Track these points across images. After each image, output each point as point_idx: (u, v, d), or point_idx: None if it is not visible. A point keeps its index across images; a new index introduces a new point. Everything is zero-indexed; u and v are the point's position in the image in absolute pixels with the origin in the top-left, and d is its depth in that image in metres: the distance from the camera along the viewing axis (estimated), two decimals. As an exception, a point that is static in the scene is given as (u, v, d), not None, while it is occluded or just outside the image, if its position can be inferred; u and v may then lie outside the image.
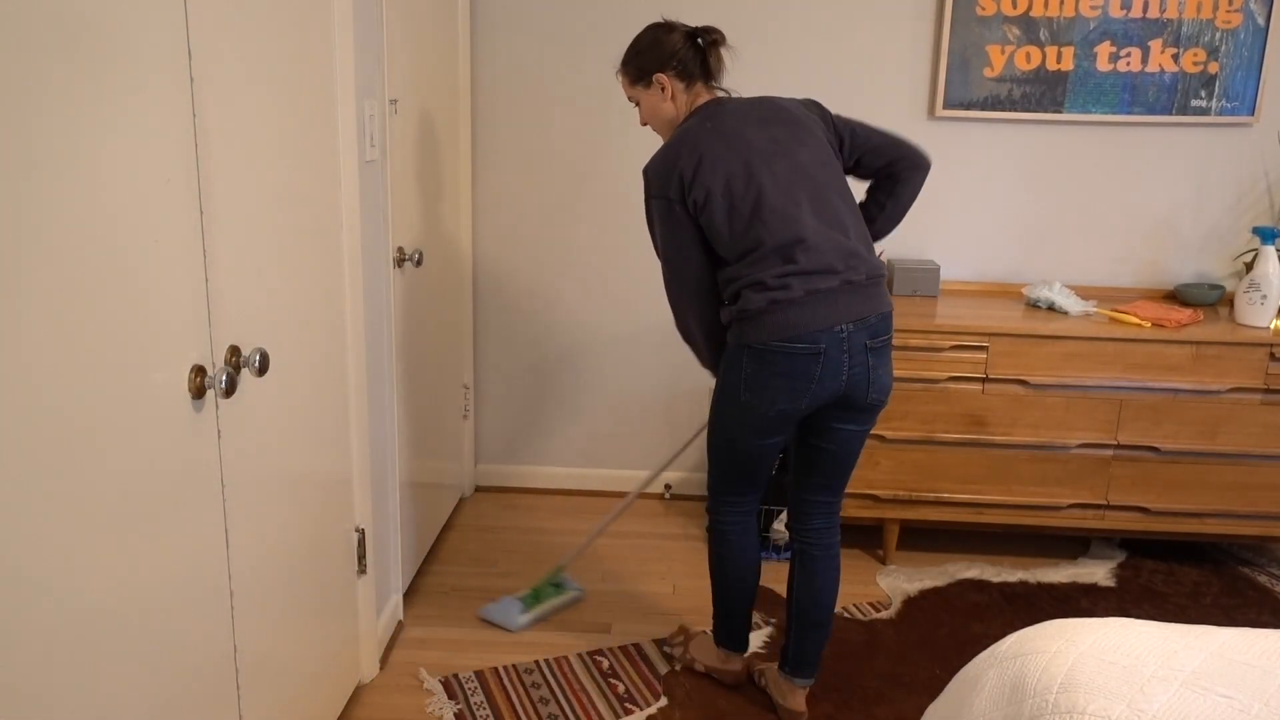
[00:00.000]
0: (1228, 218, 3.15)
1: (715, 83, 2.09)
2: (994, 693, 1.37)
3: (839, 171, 2.03)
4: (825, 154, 2.00)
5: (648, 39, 2.08)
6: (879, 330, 1.97)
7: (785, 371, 1.92)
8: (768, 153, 1.95)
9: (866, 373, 1.96)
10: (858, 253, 1.95)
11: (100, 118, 1.15)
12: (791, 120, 2.00)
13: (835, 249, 1.93)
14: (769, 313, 1.91)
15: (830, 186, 1.98)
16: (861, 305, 1.94)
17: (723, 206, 1.93)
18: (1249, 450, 2.76)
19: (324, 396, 1.94)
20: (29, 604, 1.06)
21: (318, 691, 1.97)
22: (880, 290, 1.99)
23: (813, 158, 1.98)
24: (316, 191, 1.86)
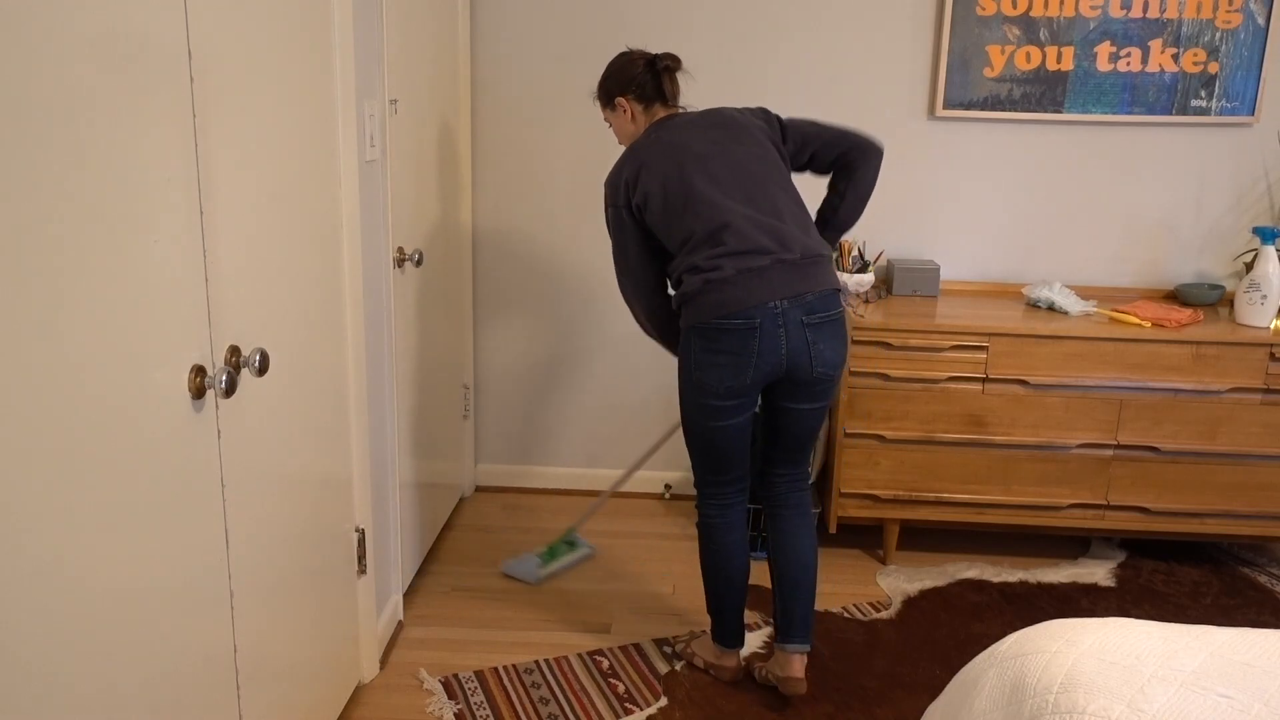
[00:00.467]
0: (1228, 218, 3.15)
1: (672, 103, 2.27)
2: (994, 693, 1.37)
3: (779, 167, 2.17)
4: (764, 151, 2.16)
5: (613, 67, 2.28)
6: (816, 307, 2.09)
7: (726, 347, 2.06)
8: (704, 154, 2.13)
9: (806, 347, 2.09)
10: (791, 234, 2.09)
11: (101, 118, 1.15)
12: (731, 124, 2.18)
13: (765, 231, 2.08)
14: (704, 293, 2.06)
15: (768, 179, 2.13)
16: (797, 282, 2.07)
17: (659, 205, 2.12)
18: (1249, 450, 2.76)
19: (324, 396, 1.94)
20: (29, 604, 1.06)
21: (318, 691, 1.97)
22: (819, 269, 2.11)
23: (749, 154, 2.14)
24: (316, 191, 1.86)
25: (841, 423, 2.81)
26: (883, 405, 2.78)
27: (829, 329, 2.11)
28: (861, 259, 3.02)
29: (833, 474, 2.87)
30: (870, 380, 2.77)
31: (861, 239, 3.21)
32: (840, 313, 2.14)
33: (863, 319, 2.75)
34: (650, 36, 3.08)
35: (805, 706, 2.24)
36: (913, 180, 3.16)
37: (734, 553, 2.27)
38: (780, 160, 2.19)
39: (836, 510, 2.88)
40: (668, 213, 2.11)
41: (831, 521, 2.91)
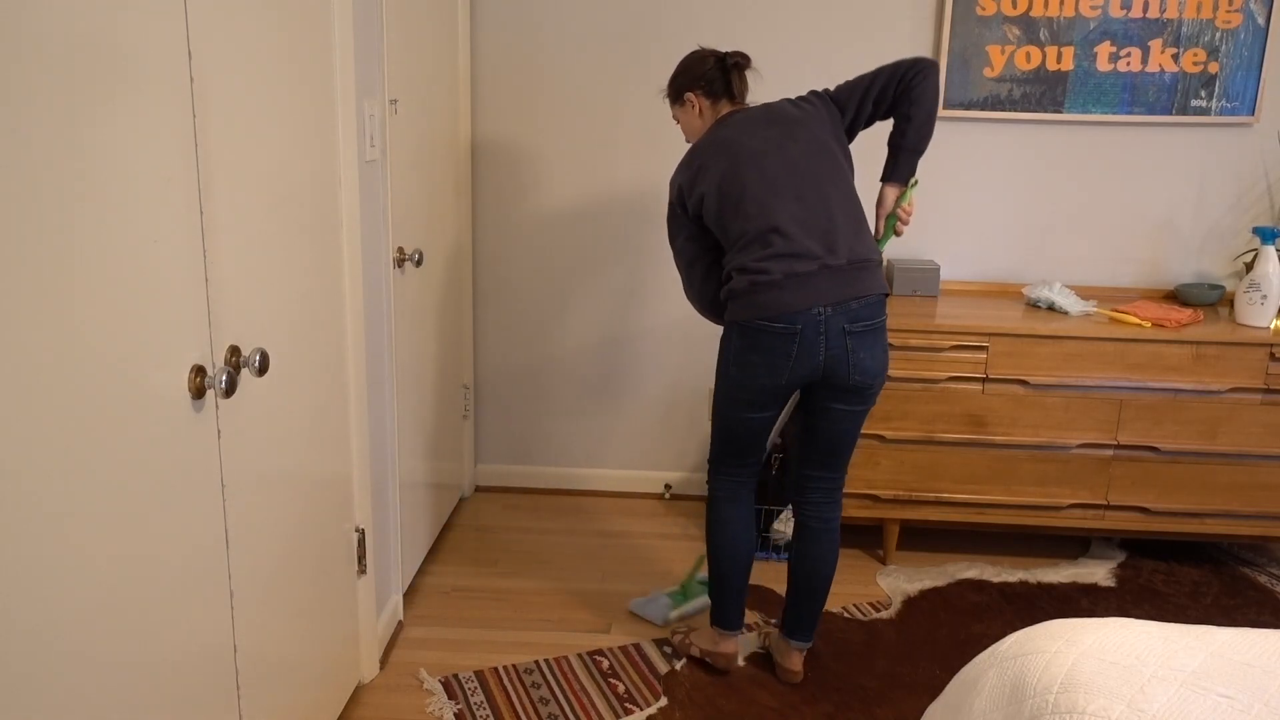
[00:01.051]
0: (1228, 218, 3.15)
1: (738, 99, 2.28)
2: (994, 693, 1.37)
3: (836, 162, 2.16)
4: (820, 146, 2.15)
5: (684, 64, 2.30)
6: (860, 315, 2.09)
7: (765, 348, 2.09)
8: (758, 152, 2.13)
9: (845, 355, 2.09)
10: (840, 238, 2.09)
11: (100, 118, 1.15)
12: (789, 119, 2.17)
13: (814, 234, 2.08)
14: (750, 293, 2.09)
15: (822, 176, 2.13)
16: (841, 289, 2.07)
17: (714, 204, 2.15)
18: (1249, 450, 2.76)
19: (324, 396, 1.94)
20: (29, 604, 1.06)
21: (318, 691, 1.97)
22: (866, 275, 2.11)
23: (804, 151, 2.13)
24: (316, 191, 1.86)
25: (841, 423, 2.81)
26: (883, 405, 2.78)
27: (871, 337, 2.11)
28: (861, 259, 3.02)
29: (833, 474, 2.87)
30: (870, 380, 2.77)
31: (861, 239, 3.21)
32: (882, 320, 2.13)
33: (863, 319, 2.75)
34: (650, 37, 3.08)
35: (805, 706, 2.24)
36: (913, 180, 3.16)
37: (740, 529, 2.31)
38: (838, 153, 2.17)
39: (836, 510, 2.88)
40: (722, 213, 2.14)
41: (831, 521, 2.91)
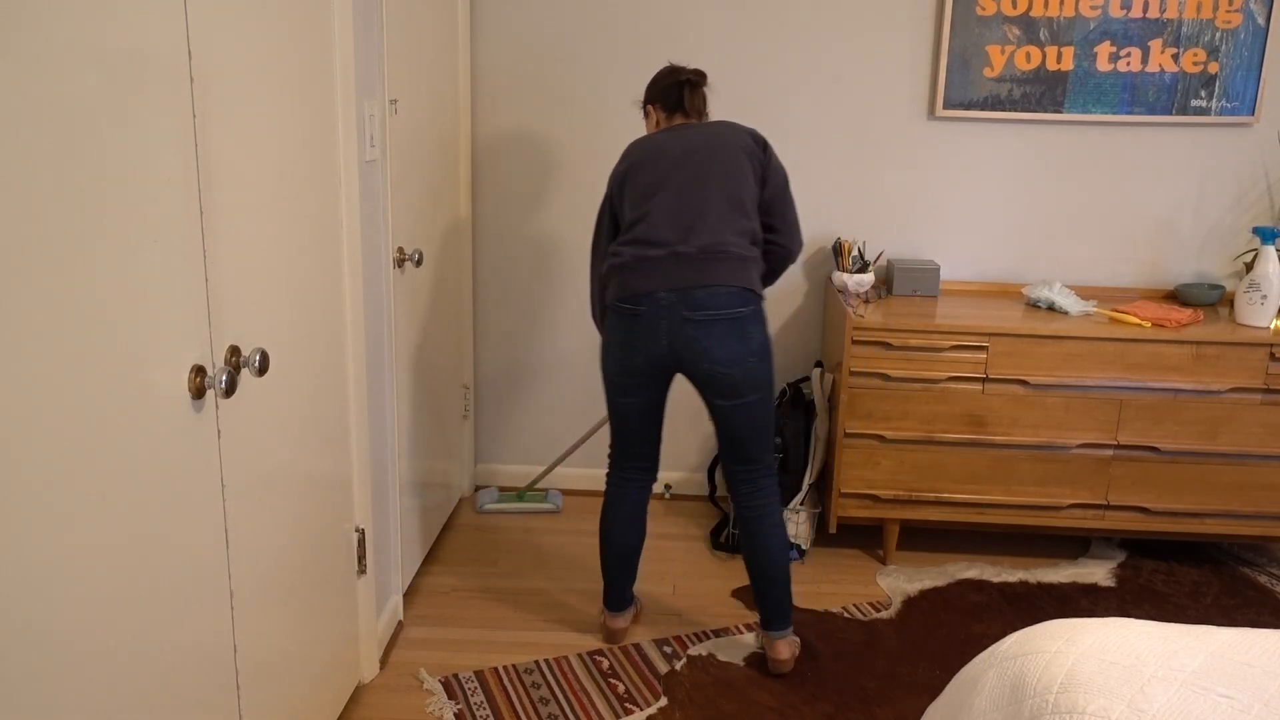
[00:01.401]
0: (1228, 218, 3.15)
1: (690, 114, 2.39)
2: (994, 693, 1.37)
3: (738, 177, 2.25)
4: (731, 161, 2.25)
5: (652, 79, 2.44)
6: (704, 303, 2.16)
7: (615, 329, 2.26)
8: (669, 152, 2.27)
9: (689, 343, 2.19)
10: (702, 230, 2.19)
11: (101, 118, 1.15)
12: (715, 135, 2.28)
13: (676, 224, 2.20)
14: (610, 276, 2.27)
15: (712, 177, 2.23)
16: (686, 276, 2.17)
17: (618, 193, 2.33)
18: (1249, 450, 2.76)
19: (324, 396, 1.94)
20: (29, 603, 1.06)
21: (318, 691, 1.97)
22: (717, 265, 2.18)
23: (712, 161, 2.24)
24: (316, 191, 1.86)
25: (841, 423, 2.81)
26: (883, 405, 2.78)
27: (719, 327, 2.17)
28: (861, 259, 3.02)
29: (833, 474, 2.87)
30: (870, 380, 2.77)
31: (861, 239, 3.21)
32: (738, 313, 2.18)
33: (863, 319, 2.75)
34: (650, 37, 3.08)
35: (805, 706, 2.24)
36: (913, 180, 3.16)
37: (616, 524, 2.43)
38: (748, 176, 2.26)
39: (836, 510, 2.88)
40: (621, 202, 2.31)
41: (831, 521, 2.91)
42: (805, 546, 2.96)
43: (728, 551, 3.00)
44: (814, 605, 2.69)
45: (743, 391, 2.23)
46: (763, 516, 2.33)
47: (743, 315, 2.19)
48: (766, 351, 2.25)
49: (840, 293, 3.00)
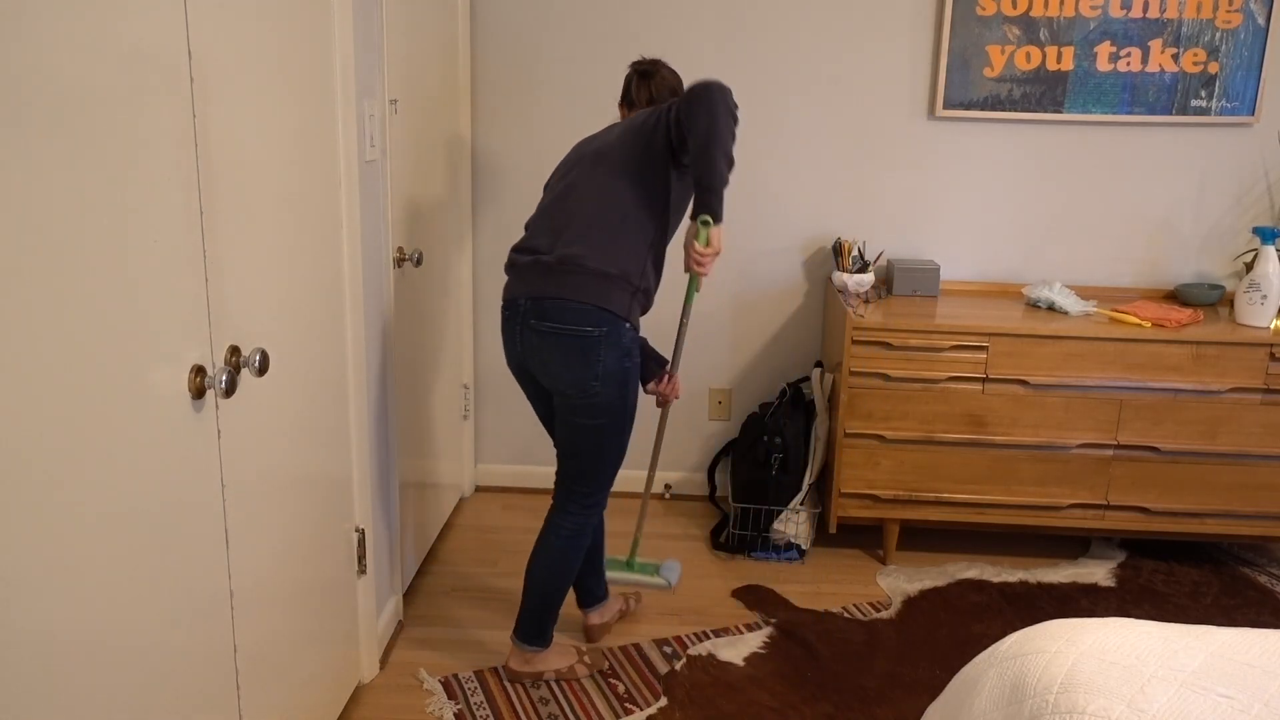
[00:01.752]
0: (1228, 218, 3.15)
1: (637, 105, 2.32)
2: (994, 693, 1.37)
3: (614, 171, 2.11)
4: (626, 166, 2.10)
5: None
6: (548, 314, 2.07)
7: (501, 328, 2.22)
8: (577, 157, 2.22)
9: (531, 351, 2.13)
10: (567, 237, 2.09)
11: (100, 118, 1.14)
12: (629, 126, 2.16)
13: (549, 229, 2.14)
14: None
15: (591, 181, 2.13)
16: (537, 284, 2.10)
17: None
18: (1249, 450, 2.76)
19: (324, 396, 1.94)
20: (29, 604, 1.06)
21: (318, 691, 1.97)
22: (570, 279, 2.07)
23: (607, 162, 2.13)
24: (316, 191, 1.86)
25: (841, 423, 2.81)
26: (883, 405, 2.78)
27: (555, 342, 2.07)
28: (861, 259, 3.02)
29: (833, 474, 2.87)
30: (870, 380, 2.77)
31: (861, 239, 3.21)
32: (586, 332, 2.05)
33: (863, 319, 2.75)
34: (650, 37, 3.08)
35: (805, 706, 2.24)
36: (913, 180, 3.16)
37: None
38: (634, 164, 2.09)
39: (836, 510, 2.88)
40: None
41: (831, 521, 2.91)
42: (805, 546, 2.96)
43: (728, 552, 3.00)
44: (814, 605, 2.69)
45: (577, 413, 2.13)
46: (548, 531, 2.26)
47: (591, 335, 2.06)
48: (616, 379, 2.10)
49: (840, 293, 3.00)
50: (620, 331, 2.08)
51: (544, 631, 2.30)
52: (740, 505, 2.98)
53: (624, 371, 2.11)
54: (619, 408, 2.14)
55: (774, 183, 3.18)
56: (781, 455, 2.92)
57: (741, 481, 3.00)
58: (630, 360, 2.12)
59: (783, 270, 3.24)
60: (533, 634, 2.29)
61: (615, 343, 2.08)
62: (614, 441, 2.18)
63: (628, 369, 2.12)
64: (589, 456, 2.19)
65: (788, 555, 2.96)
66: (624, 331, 2.09)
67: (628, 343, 2.10)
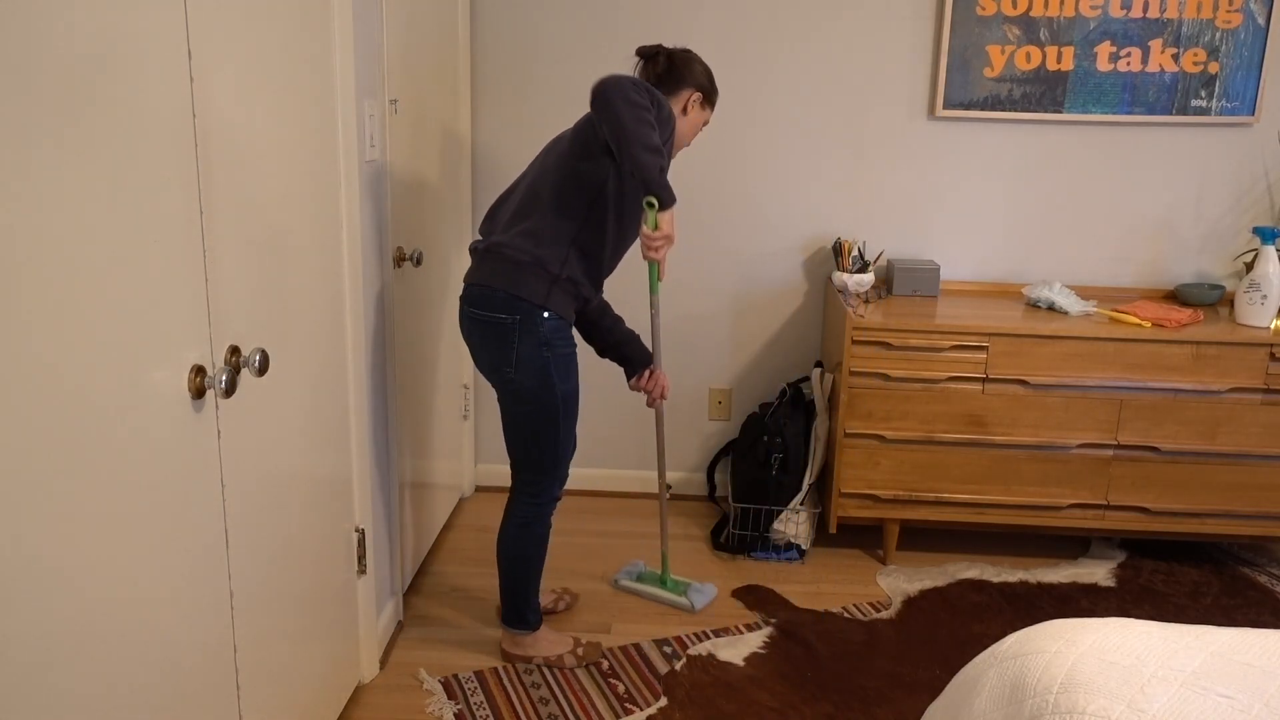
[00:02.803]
0: (1228, 218, 3.15)
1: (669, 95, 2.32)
2: (994, 693, 1.37)
3: (555, 158, 2.16)
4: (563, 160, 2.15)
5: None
6: (474, 300, 2.16)
7: None
8: (545, 149, 2.27)
9: (466, 336, 2.22)
10: (499, 224, 2.21)
11: (101, 118, 1.15)
12: (576, 128, 2.18)
13: (491, 218, 2.25)
14: None
15: (537, 169, 2.21)
16: (472, 271, 2.20)
17: None
18: (1249, 450, 2.76)
19: (324, 396, 1.94)
20: (29, 604, 1.06)
21: (318, 691, 1.97)
22: (489, 262, 2.15)
23: (553, 154, 2.19)
24: (316, 191, 1.86)
25: (841, 423, 2.81)
26: (883, 405, 2.78)
27: (478, 328, 2.16)
28: (861, 259, 3.02)
29: (833, 474, 2.87)
30: (870, 380, 2.77)
31: (862, 239, 3.21)
32: (500, 319, 2.10)
33: (863, 319, 2.75)
34: (650, 37, 3.08)
35: (805, 706, 2.24)
36: (913, 180, 3.16)
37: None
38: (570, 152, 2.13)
39: (836, 510, 2.88)
40: None
41: (831, 521, 2.91)
42: (805, 546, 2.96)
43: (728, 552, 3.00)
44: (814, 605, 2.69)
45: (504, 399, 2.20)
46: (504, 520, 2.34)
47: (505, 323, 2.10)
48: (533, 367, 2.12)
49: (840, 293, 3.00)
50: (536, 320, 2.10)
51: (523, 616, 2.37)
52: (740, 505, 2.98)
53: (543, 360, 2.13)
54: (544, 397, 2.16)
55: (774, 183, 3.18)
56: (781, 455, 2.92)
57: (741, 481, 3.00)
58: (551, 350, 2.14)
59: (783, 270, 3.24)
60: (512, 618, 2.39)
61: (530, 330, 2.11)
62: (546, 430, 2.20)
63: (547, 358, 2.14)
64: (524, 444, 2.23)
65: (788, 555, 2.96)
66: (540, 320, 2.11)
67: (546, 332, 2.12)
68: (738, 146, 3.16)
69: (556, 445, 2.24)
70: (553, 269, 2.12)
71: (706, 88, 2.31)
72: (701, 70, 2.31)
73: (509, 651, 2.41)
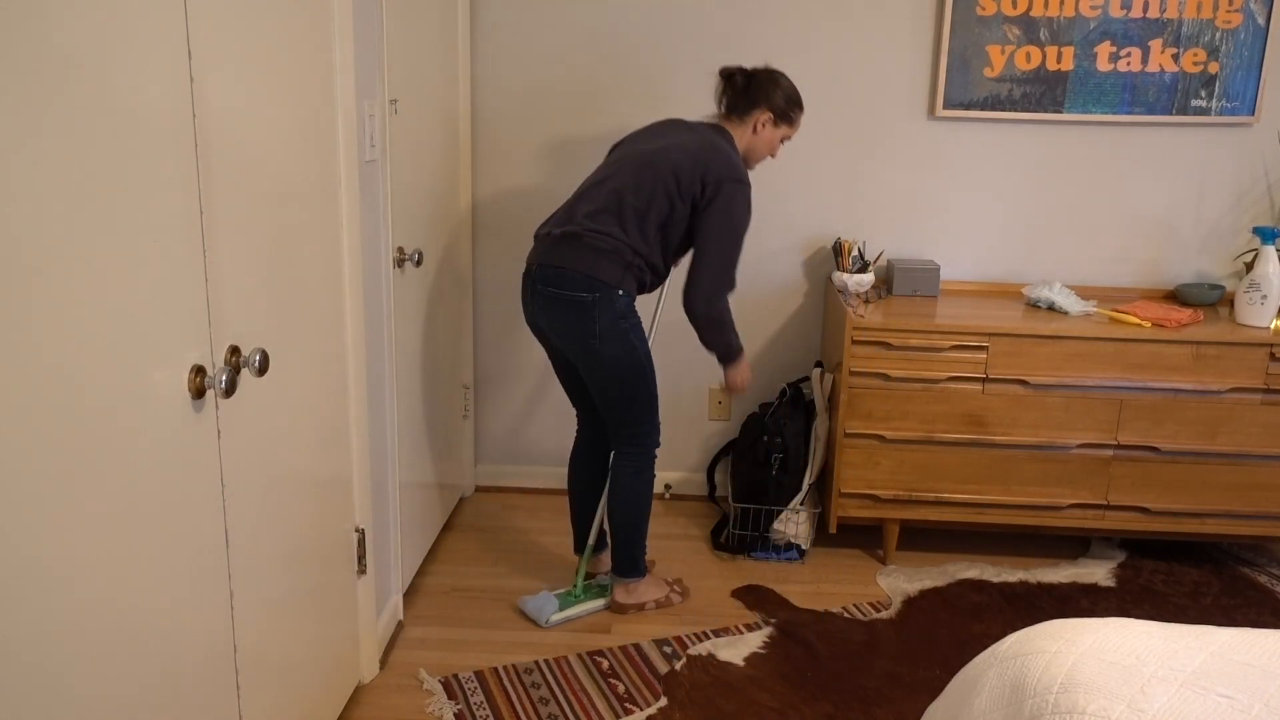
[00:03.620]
0: (1228, 218, 3.15)
1: (720, 109, 2.57)
2: (994, 693, 1.37)
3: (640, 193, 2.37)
4: (642, 182, 2.37)
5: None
6: (545, 279, 2.38)
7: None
8: (621, 151, 2.50)
9: (539, 315, 2.44)
10: (575, 215, 2.39)
11: (100, 117, 1.15)
12: (663, 151, 2.40)
13: (568, 212, 2.41)
14: None
15: (613, 185, 2.39)
16: (543, 254, 2.41)
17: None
18: (1249, 450, 2.76)
19: (324, 396, 1.94)
20: (29, 603, 1.06)
21: (318, 691, 1.97)
22: (563, 245, 2.37)
23: (629, 171, 2.39)
24: (316, 191, 1.86)
25: (841, 423, 2.81)
26: (883, 405, 2.78)
27: (549, 304, 2.39)
28: (861, 259, 3.02)
29: (833, 474, 2.87)
30: (870, 380, 2.77)
31: (862, 239, 3.21)
32: (580, 297, 2.34)
33: (863, 319, 2.75)
34: (650, 37, 3.08)
35: (805, 706, 2.24)
36: (913, 180, 3.16)
37: (575, 470, 2.72)
38: (657, 197, 2.36)
39: (836, 510, 2.88)
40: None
41: (831, 521, 2.91)
42: (805, 546, 2.96)
43: (728, 552, 3.00)
44: (814, 605, 2.69)
45: (592, 369, 2.41)
46: (614, 472, 2.55)
47: (584, 300, 2.34)
48: (613, 338, 2.36)
49: (840, 293, 3.00)
50: (612, 298, 2.35)
51: (636, 563, 2.61)
52: (740, 505, 2.98)
53: (621, 330, 2.38)
54: (628, 359, 2.40)
55: (774, 183, 3.18)
56: (781, 455, 2.92)
57: (741, 481, 3.00)
58: (627, 321, 2.38)
59: (783, 270, 3.25)
60: (627, 568, 2.61)
61: (608, 307, 2.35)
62: (640, 387, 2.45)
63: (624, 328, 2.38)
64: (621, 405, 2.47)
65: (788, 555, 2.96)
66: (616, 298, 2.36)
67: (622, 307, 2.37)
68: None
69: (651, 397, 2.49)
70: (626, 257, 2.36)
71: (780, 108, 2.50)
72: (777, 91, 2.50)
73: (623, 602, 2.63)
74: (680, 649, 2.47)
